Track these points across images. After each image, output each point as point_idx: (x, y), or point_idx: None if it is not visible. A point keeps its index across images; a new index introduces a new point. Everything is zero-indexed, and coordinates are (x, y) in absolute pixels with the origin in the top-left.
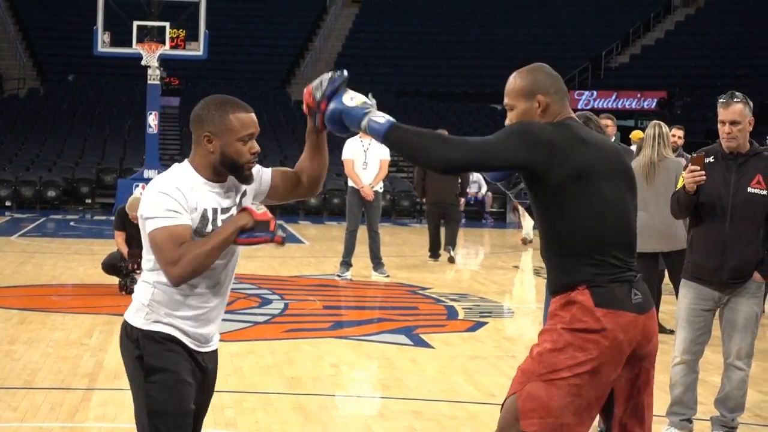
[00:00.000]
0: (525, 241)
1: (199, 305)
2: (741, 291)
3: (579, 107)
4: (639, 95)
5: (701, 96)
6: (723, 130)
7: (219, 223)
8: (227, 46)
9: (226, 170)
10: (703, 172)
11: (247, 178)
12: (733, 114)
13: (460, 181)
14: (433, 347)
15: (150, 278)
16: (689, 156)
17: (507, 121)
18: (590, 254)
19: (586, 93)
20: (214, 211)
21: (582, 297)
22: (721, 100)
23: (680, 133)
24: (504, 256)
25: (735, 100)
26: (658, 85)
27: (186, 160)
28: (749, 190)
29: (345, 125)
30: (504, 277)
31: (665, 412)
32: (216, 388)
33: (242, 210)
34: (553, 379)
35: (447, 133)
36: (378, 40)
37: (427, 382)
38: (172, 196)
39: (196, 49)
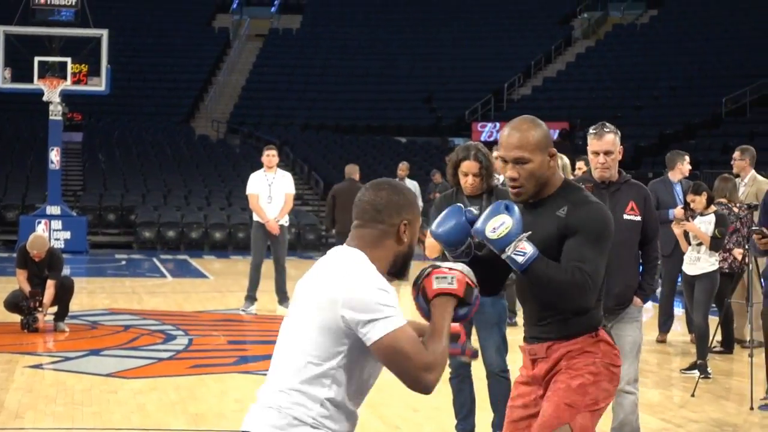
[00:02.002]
0: None
1: (355, 419)
2: (624, 317)
3: (482, 139)
4: None
5: None
6: (596, 160)
7: None
8: (130, 81)
9: (400, 266)
10: None
11: (405, 275)
12: (607, 144)
13: None
14: None
15: (319, 393)
16: None
17: (516, 173)
18: (599, 300)
19: (489, 125)
20: None
21: (605, 336)
22: (593, 131)
23: (582, 164)
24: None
25: (606, 130)
26: (560, 116)
27: (356, 250)
28: (625, 217)
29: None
30: (413, 308)
31: None
32: (119, 426)
33: None
34: (595, 409)
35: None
36: (282, 74)
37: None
38: (391, 292)
39: (99, 85)
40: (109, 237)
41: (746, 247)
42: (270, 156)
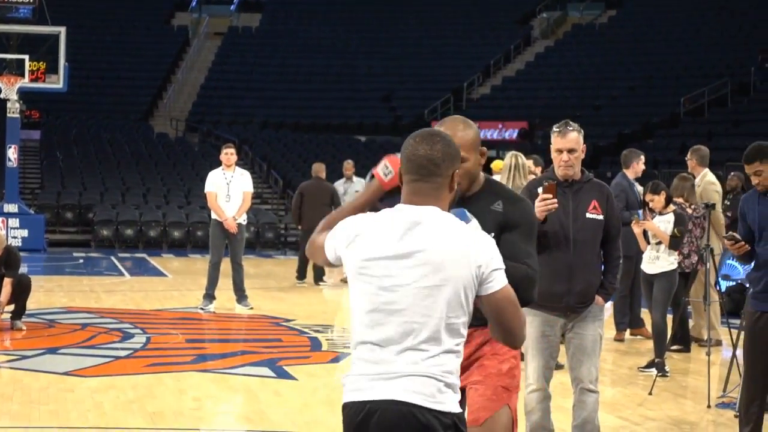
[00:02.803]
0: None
1: None
2: (585, 315)
3: None
4: (500, 126)
5: None
6: (560, 158)
7: None
8: (89, 79)
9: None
10: (556, 201)
11: None
12: (570, 142)
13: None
14: (296, 379)
15: (457, 355)
16: None
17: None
18: None
19: None
20: None
21: None
22: (556, 129)
23: (530, 162)
24: None
25: (570, 128)
26: (519, 115)
27: (432, 207)
28: (587, 215)
29: None
30: None
31: None
32: (76, 425)
33: None
34: (518, 390)
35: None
36: (241, 72)
37: (291, 414)
38: None
39: (57, 82)
40: (67, 235)
41: (702, 247)
42: (228, 154)
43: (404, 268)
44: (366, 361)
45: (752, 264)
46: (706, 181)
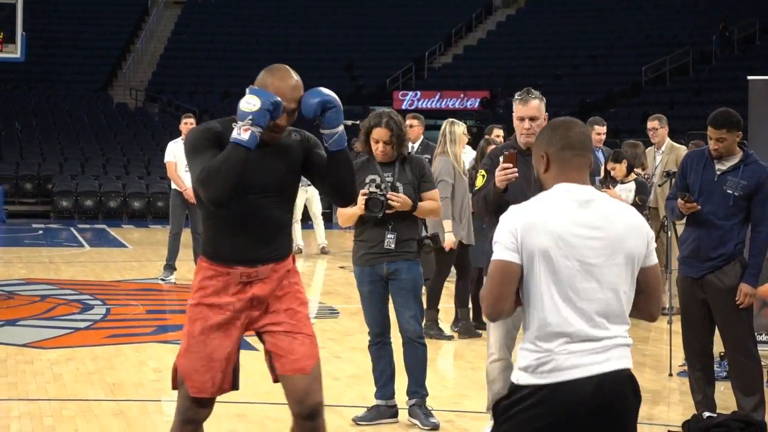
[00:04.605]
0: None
1: None
2: None
3: (403, 107)
4: (462, 95)
5: None
6: (522, 126)
7: None
8: (47, 48)
9: None
10: (516, 170)
11: None
12: (532, 110)
13: None
14: (256, 349)
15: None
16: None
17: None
18: None
19: (410, 93)
20: None
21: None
22: (518, 97)
23: (501, 132)
24: (330, 257)
25: (532, 96)
26: (480, 84)
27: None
28: None
29: None
30: (330, 278)
31: (486, 408)
32: (34, 397)
33: None
34: None
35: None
36: (201, 42)
37: (252, 385)
38: None
39: (14, 52)
40: (26, 206)
41: (664, 215)
42: (188, 124)
43: (595, 246)
44: (571, 339)
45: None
46: (679, 147)
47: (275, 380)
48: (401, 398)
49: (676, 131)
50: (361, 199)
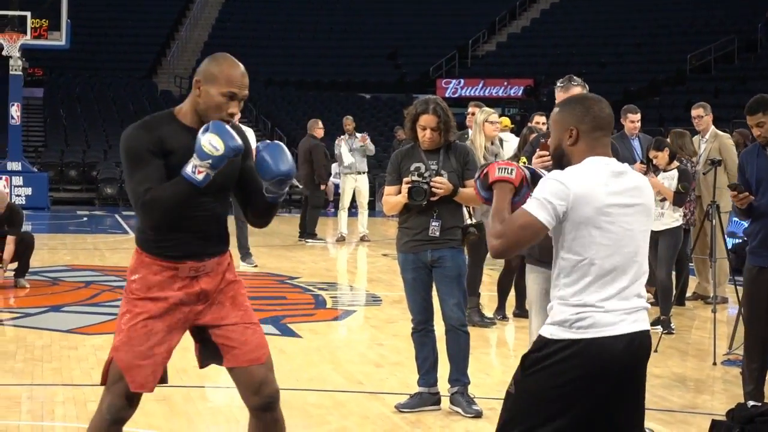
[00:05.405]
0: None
1: None
2: None
3: (446, 95)
4: (506, 83)
5: None
6: None
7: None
8: (91, 36)
9: None
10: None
11: None
12: None
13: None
14: (300, 336)
15: None
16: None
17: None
18: None
19: (454, 81)
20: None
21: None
22: (560, 85)
23: (543, 119)
24: (373, 244)
25: (574, 83)
26: (524, 72)
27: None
28: None
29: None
30: (373, 265)
31: None
32: (79, 382)
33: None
34: None
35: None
36: (245, 29)
37: (295, 372)
38: None
39: (59, 39)
40: (71, 193)
41: (709, 204)
42: None
43: (632, 213)
44: (609, 298)
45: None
46: (723, 136)
47: (201, 368)
48: (443, 386)
49: (720, 120)
50: (404, 188)
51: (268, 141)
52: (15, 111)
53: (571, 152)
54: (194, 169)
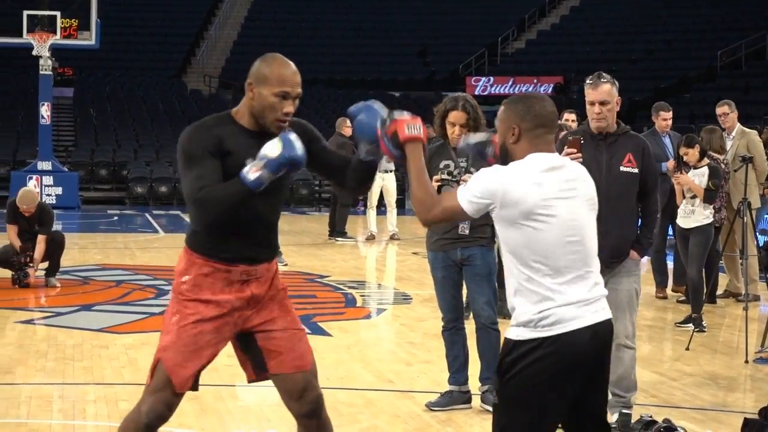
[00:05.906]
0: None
1: None
2: (620, 270)
3: (476, 93)
4: (535, 80)
5: None
6: (593, 110)
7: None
8: (121, 36)
9: None
10: (580, 155)
11: None
12: (602, 94)
13: None
14: (330, 335)
15: None
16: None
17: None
18: None
19: (483, 79)
20: None
21: None
22: (589, 82)
23: (572, 116)
24: (403, 243)
25: (603, 80)
26: (554, 70)
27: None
28: (621, 169)
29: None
30: (402, 263)
31: None
32: (110, 381)
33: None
34: None
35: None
36: (274, 28)
37: (325, 370)
38: None
39: (89, 39)
40: (101, 193)
41: (739, 201)
42: None
43: (575, 208)
44: (567, 294)
45: None
46: (750, 132)
47: (252, 380)
48: (474, 384)
49: (751, 116)
50: (434, 186)
51: (361, 103)
52: (45, 111)
53: (513, 150)
54: (249, 169)
